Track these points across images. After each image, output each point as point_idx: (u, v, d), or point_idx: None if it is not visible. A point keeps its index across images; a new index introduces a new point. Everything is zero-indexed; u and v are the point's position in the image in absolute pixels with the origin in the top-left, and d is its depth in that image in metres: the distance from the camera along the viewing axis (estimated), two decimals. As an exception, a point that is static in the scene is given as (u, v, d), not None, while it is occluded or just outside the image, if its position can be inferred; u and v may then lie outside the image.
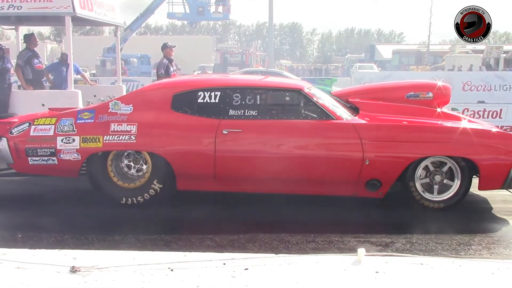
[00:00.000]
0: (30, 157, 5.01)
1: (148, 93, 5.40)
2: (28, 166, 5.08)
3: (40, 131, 5.01)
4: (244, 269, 3.28)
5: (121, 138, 4.92)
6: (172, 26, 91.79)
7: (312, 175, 4.98)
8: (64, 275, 3.15)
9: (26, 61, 9.35)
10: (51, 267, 3.23)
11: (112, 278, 3.12)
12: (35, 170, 5.14)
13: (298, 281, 3.11)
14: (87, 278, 3.11)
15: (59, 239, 4.12)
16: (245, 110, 5.00)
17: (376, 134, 4.93)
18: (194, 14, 38.44)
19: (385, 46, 53.14)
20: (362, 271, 3.29)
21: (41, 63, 9.99)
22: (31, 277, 3.13)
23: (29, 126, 5.05)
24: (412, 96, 5.67)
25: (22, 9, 8.34)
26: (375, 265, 3.37)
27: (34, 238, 4.16)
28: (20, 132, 5.05)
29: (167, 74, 9.76)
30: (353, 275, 3.23)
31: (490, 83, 17.99)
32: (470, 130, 5.03)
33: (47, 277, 3.13)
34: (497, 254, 3.92)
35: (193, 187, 5.10)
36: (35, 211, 5.03)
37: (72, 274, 3.16)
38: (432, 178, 4.95)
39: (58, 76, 10.29)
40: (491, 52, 31.73)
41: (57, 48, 43.40)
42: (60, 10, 8.37)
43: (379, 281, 3.14)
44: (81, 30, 55.52)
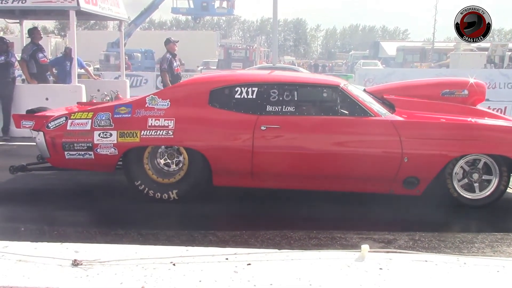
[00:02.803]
0: (67, 152, 4.99)
1: (185, 88, 5.36)
2: (64, 160, 5.06)
3: (77, 125, 4.99)
4: (247, 264, 3.26)
5: (159, 133, 4.90)
6: (176, 21, 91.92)
7: (349, 172, 4.95)
8: (66, 268, 3.14)
9: (31, 55, 9.38)
10: (53, 260, 3.22)
11: (114, 272, 3.10)
12: (71, 164, 5.12)
13: (301, 277, 3.09)
14: (89, 271, 3.10)
15: (61, 233, 4.10)
16: (283, 106, 4.98)
17: (415, 131, 4.90)
18: (198, 9, 38.40)
19: (390, 43, 53.00)
20: (366, 267, 3.26)
21: (46, 57, 10.01)
22: (33, 270, 3.11)
23: (66, 120, 5.03)
24: (448, 93, 5.64)
25: (26, 2, 8.36)
26: (378, 261, 3.35)
27: (37, 231, 4.14)
28: (57, 126, 5.03)
29: (170, 69, 9.76)
30: (356, 271, 3.20)
31: (495, 80, 17.96)
32: (509, 128, 5.04)
33: (48, 270, 3.11)
34: (500, 252, 3.89)
35: (229, 182, 5.08)
36: (39, 205, 5.02)
37: (74, 267, 3.14)
38: (470, 177, 4.94)
39: (62, 71, 10.31)
40: (496, 49, 31.54)
41: (61, 42, 43.48)
42: (64, 4, 8.40)
43: (382, 277, 3.12)
44: (85, 25, 55.54)
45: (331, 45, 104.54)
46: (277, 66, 20.31)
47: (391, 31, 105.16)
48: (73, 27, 8.79)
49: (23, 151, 7.56)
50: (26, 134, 6.14)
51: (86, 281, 2.98)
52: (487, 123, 5.15)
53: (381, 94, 5.80)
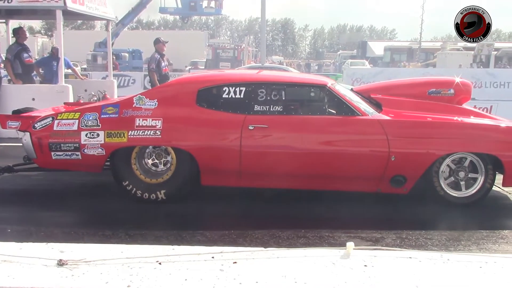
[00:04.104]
0: (53, 152, 4.97)
1: (173, 88, 5.35)
2: (51, 161, 5.04)
3: (64, 125, 4.97)
4: (233, 263, 3.27)
5: (146, 133, 4.89)
6: (164, 21, 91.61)
7: (337, 171, 4.97)
8: (51, 268, 3.13)
9: (16, 55, 9.30)
10: (38, 260, 3.21)
11: (99, 271, 3.10)
12: (58, 165, 5.09)
13: (287, 275, 3.11)
14: (74, 271, 3.09)
15: (48, 234, 4.08)
16: (271, 105, 5.00)
17: (402, 130, 4.94)
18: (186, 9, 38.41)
19: (377, 43, 53.26)
20: (351, 264, 3.29)
21: (31, 57, 9.93)
22: (18, 270, 3.11)
23: (53, 121, 5.01)
24: (434, 92, 5.69)
25: (12, 2, 8.29)
26: (363, 258, 3.39)
27: (23, 232, 4.12)
28: (43, 126, 5.00)
29: (159, 69, 9.73)
30: (341, 268, 3.23)
31: (481, 80, 18.13)
32: (495, 126, 5.10)
33: (33, 270, 3.11)
34: (485, 249, 3.94)
35: (217, 182, 5.08)
36: (26, 206, 5.00)
37: (59, 267, 3.14)
38: (457, 175, 4.99)
39: (48, 71, 10.24)
40: (482, 49, 31.87)
41: (48, 42, 43.18)
42: (51, 4, 8.34)
43: (367, 274, 3.15)
44: (72, 25, 55.15)
45: (319, 44, 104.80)
46: (267, 65, 20.34)
47: (378, 31, 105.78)
48: (59, 26, 8.74)
49: (9, 152, 7.50)
50: (13, 135, 6.10)
51: (71, 280, 2.98)
52: (473, 122, 5.21)
53: (368, 93, 5.84)
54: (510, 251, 3.90)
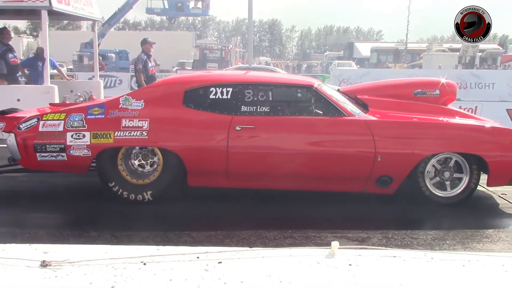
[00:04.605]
0: (38, 153, 4.92)
1: (159, 89, 5.32)
2: (36, 162, 4.99)
3: (49, 126, 4.93)
4: (218, 263, 3.27)
5: (133, 134, 4.87)
6: (150, 22, 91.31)
7: (323, 171, 4.99)
8: (34, 269, 3.10)
9: (0, 56, 9.21)
10: (21, 262, 3.17)
11: (83, 272, 3.08)
12: (43, 166, 5.05)
13: (272, 274, 3.11)
14: (58, 272, 3.07)
15: (33, 235, 4.05)
16: (258, 106, 5.00)
17: (389, 131, 4.98)
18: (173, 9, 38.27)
19: (364, 44, 53.55)
20: (336, 263, 3.31)
21: (16, 57, 9.84)
22: (0, 271, 3.07)
23: (38, 122, 4.96)
24: (420, 93, 5.73)
25: (-4, 2, 8.18)
26: (348, 257, 3.40)
27: (8, 234, 4.09)
28: (28, 127, 4.96)
29: (145, 70, 9.70)
30: (326, 267, 3.24)
31: (466, 81, 18.34)
32: (480, 127, 5.16)
33: (16, 271, 3.07)
34: (470, 248, 3.98)
35: (204, 183, 5.08)
36: (11, 208, 4.97)
37: (43, 268, 3.11)
38: (442, 175, 5.04)
39: (34, 71, 10.14)
40: (467, 50, 32.17)
41: (33, 42, 42.78)
42: (36, 4, 8.25)
43: (352, 273, 3.17)
44: (58, 25, 54.74)
45: (306, 45, 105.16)
46: (254, 66, 20.35)
47: (365, 32, 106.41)
48: (45, 27, 8.65)
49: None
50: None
51: (55, 281, 2.96)
52: (458, 123, 5.26)
53: (355, 94, 5.87)
54: (494, 249, 3.95)
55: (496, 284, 3.13)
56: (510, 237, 4.31)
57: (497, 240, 4.22)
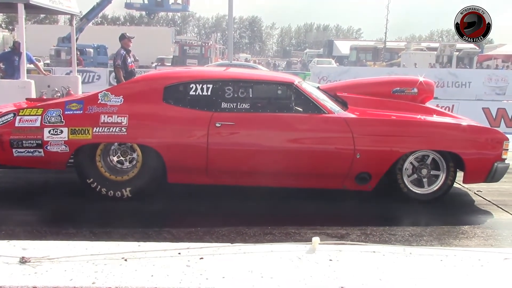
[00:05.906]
0: (14, 149, 4.84)
1: (139, 85, 5.28)
2: (12, 158, 4.90)
3: (26, 122, 4.84)
4: (200, 258, 3.28)
5: (112, 130, 4.82)
6: (130, 17, 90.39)
7: (303, 168, 5.01)
8: (13, 266, 3.07)
9: (-25, 50, 9.04)
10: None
11: (63, 268, 3.05)
12: (19, 162, 4.96)
13: (253, 270, 3.13)
14: (38, 268, 3.04)
15: (10, 233, 3.96)
16: (238, 103, 5.00)
17: (367, 128, 5.02)
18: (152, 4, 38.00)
19: (343, 42, 53.97)
20: (316, 258, 3.34)
21: (-9, 51, 9.67)
22: (-22, 269, 3.03)
23: (14, 117, 4.87)
24: (398, 91, 5.81)
25: (-29, -5, 8.03)
26: (329, 253, 3.44)
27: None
28: (4, 122, 4.86)
29: (124, 65, 9.59)
30: (307, 263, 3.28)
31: (444, 79, 18.63)
32: (457, 125, 5.24)
33: (-5, 268, 3.04)
34: (447, 244, 4.04)
35: (184, 180, 5.05)
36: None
37: (22, 264, 3.08)
38: (420, 172, 5.10)
39: (10, 66, 9.97)
40: (444, 49, 32.65)
41: (9, 36, 41.95)
42: (12, -3, 8.11)
43: (332, 268, 3.20)
44: (35, 19, 53.85)
45: (286, 43, 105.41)
46: (236, 63, 20.30)
47: (344, 30, 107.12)
48: (21, 20, 8.51)
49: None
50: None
51: (34, 278, 2.93)
52: (435, 121, 5.34)
53: (335, 91, 5.92)
54: (469, 245, 4.02)
55: (473, 277, 3.20)
56: (485, 233, 4.39)
57: (473, 236, 4.30)
